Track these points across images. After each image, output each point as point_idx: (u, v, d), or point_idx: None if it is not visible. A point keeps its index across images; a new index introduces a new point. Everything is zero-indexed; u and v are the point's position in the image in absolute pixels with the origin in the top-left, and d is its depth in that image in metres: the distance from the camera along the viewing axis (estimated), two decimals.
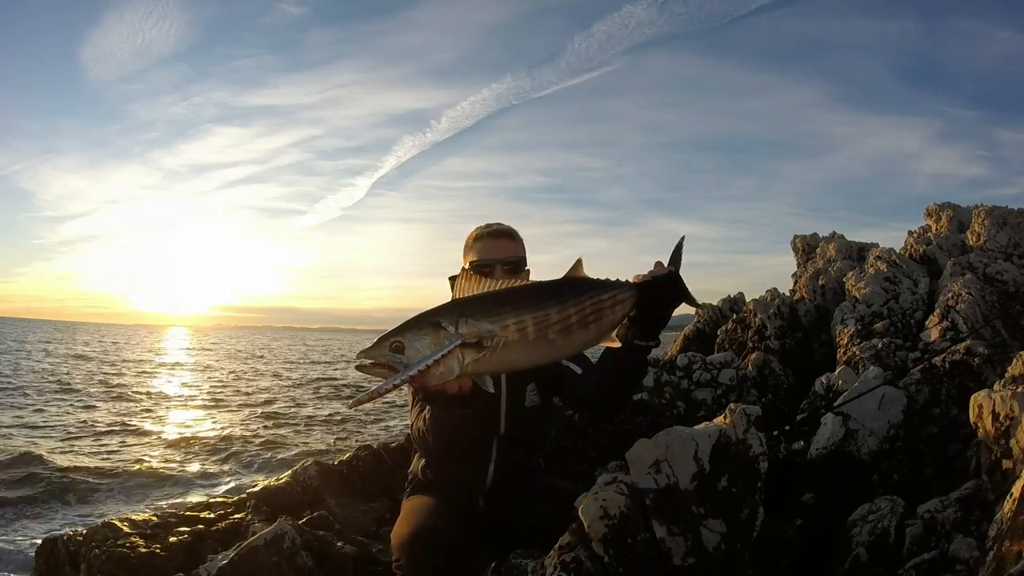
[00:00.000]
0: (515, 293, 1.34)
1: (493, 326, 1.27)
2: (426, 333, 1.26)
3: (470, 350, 1.26)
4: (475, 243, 1.87)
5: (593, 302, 1.37)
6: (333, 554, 2.42)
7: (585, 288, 1.39)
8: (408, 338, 1.26)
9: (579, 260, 1.43)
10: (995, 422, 1.95)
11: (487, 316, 1.28)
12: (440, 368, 1.24)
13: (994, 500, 1.84)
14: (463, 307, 1.31)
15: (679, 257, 1.52)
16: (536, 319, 1.30)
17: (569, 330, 1.33)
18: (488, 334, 1.27)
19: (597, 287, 1.41)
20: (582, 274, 1.43)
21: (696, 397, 4.10)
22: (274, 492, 3.21)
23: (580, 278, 1.42)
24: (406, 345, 1.25)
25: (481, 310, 1.29)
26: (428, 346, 1.25)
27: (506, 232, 1.88)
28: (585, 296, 1.37)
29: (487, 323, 1.28)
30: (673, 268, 1.49)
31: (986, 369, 3.30)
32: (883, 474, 2.67)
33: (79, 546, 2.58)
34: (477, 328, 1.27)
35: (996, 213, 6.06)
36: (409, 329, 1.27)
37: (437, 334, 1.26)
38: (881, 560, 2.02)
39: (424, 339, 1.25)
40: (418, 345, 1.25)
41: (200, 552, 2.58)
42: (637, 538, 1.55)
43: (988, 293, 4.86)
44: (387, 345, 1.25)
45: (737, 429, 1.73)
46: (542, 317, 1.30)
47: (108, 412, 12.30)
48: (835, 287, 6.08)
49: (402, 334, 1.26)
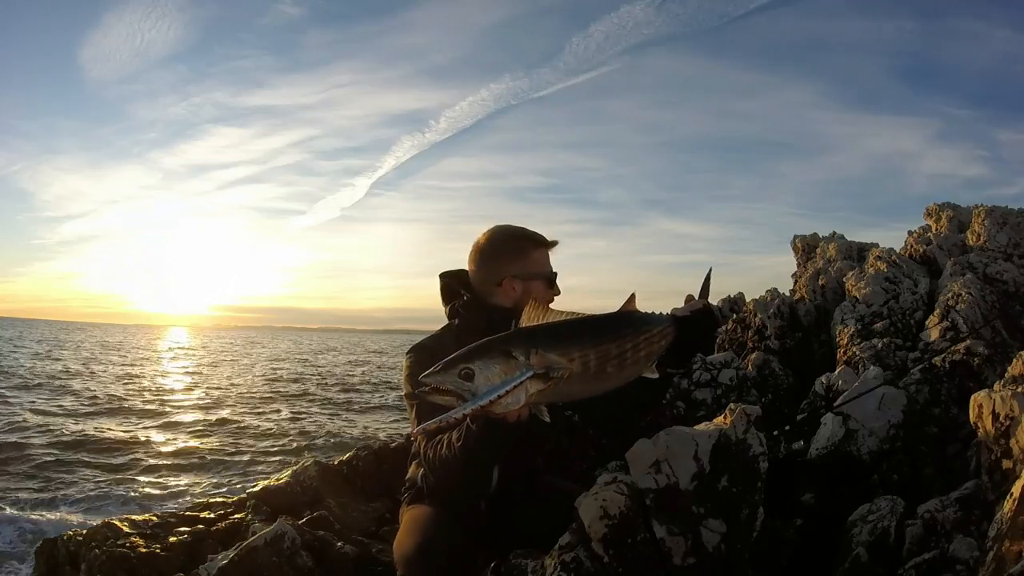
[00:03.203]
0: (580, 326, 1.36)
1: (561, 358, 1.27)
2: (497, 362, 1.24)
3: (536, 381, 1.24)
4: (534, 251, 1.79)
5: (645, 337, 1.41)
6: (333, 554, 2.42)
7: (639, 323, 1.43)
8: (479, 366, 1.23)
9: (632, 295, 1.47)
10: (995, 422, 1.95)
11: (555, 348, 1.27)
12: (508, 399, 1.22)
13: (994, 500, 1.84)
14: (533, 337, 1.29)
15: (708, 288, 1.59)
16: (598, 353, 1.32)
17: (623, 363, 1.36)
18: (556, 366, 1.26)
19: (648, 322, 1.46)
20: (634, 308, 1.47)
21: (696, 397, 4.10)
22: (274, 492, 3.20)
23: (632, 312, 1.46)
24: (476, 373, 1.23)
25: (550, 342, 1.28)
26: (498, 375, 1.23)
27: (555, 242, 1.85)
28: (641, 331, 1.41)
29: (555, 355, 1.27)
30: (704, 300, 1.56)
31: (986, 369, 3.30)
32: (883, 474, 2.67)
33: (79, 546, 2.58)
34: (546, 359, 1.26)
35: (996, 213, 6.06)
36: (480, 356, 1.25)
37: (508, 363, 1.24)
38: (881, 560, 2.02)
39: (495, 368, 1.23)
40: (488, 374, 1.23)
41: (200, 552, 2.58)
42: (637, 538, 1.55)
43: (988, 293, 4.85)
44: (456, 372, 1.23)
45: (737, 429, 1.73)
46: (604, 351, 1.33)
47: (108, 411, 12.30)
48: (835, 287, 6.08)
49: (472, 361, 1.24)
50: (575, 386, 1.30)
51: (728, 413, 1.79)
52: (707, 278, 1.58)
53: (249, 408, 13.77)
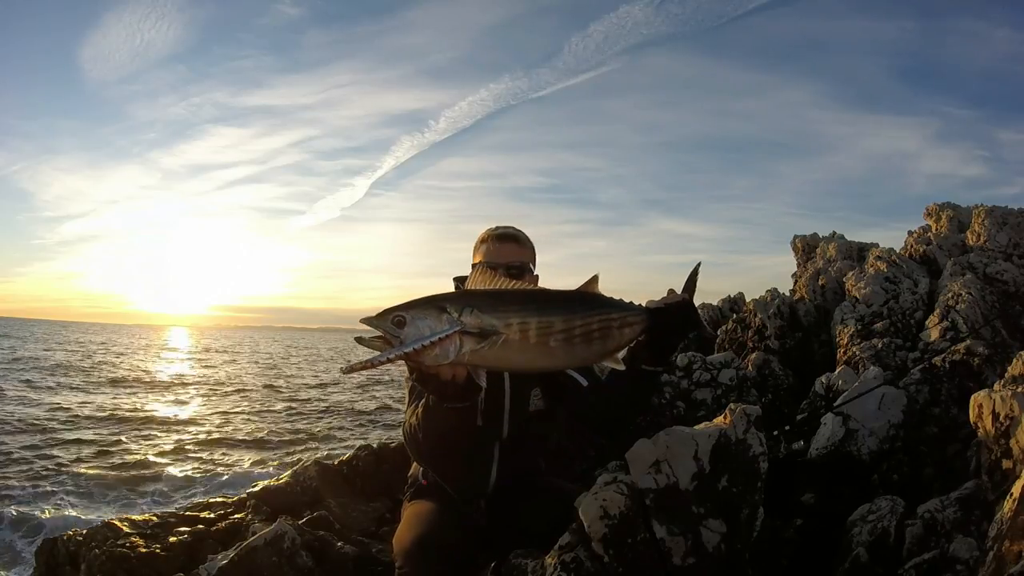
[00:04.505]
0: (525, 295, 1.36)
1: (496, 321, 1.28)
2: (429, 314, 1.27)
3: (469, 339, 1.26)
4: (482, 245, 1.87)
5: (601, 319, 1.37)
6: (333, 554, 2.42)
7: (596, 304, 1.39)
8: (411, 315, 1.26)
9: (595, 276, 1.44)
10: (995, 422, 1.95)
11: (493, 311, 1.29)
12: (435, 350, 1.24)
13: (994, 500, 1.84)
14: (471, 297, 1.32)
15: (694, 284, 1.52)
16: (540, 324, 1.30)
17: (571, 342, 1.34)
18: (490, 328, 1.27)
19: (608, 305, 1.41)
20: (596, 290, 1.43)
21: (696, 397, 4.10)
22: (274, 492, 3.20)
23: (593, 294, 1.43)
24: (407, 321, 1.26)
25: (488, 304, 1.30)
26: (429, 327, 1.26)
27: (512, 236, 1.87)
28: (595, 312, 1.37)
29: (491, 317, 1.28)
30: (687, 295, 1.49)
31: (986, 369, 3.30)
32: (883, 474, 2.67)
33: (79, 546, 2.58)
34: (480, 320, 1.27)
35: (996, 213, 6.06)
36: (414, 307, 1.28)
37: (440, 317, 1.26)
38: (881, 560, 2.02)
39: (426, 320, 1.26)
40: (420, 324, 1.26)
41: (200, 552, 2.57)
42: (637, 538, 1.55)
43: (988, 293, 4.85)
44: (390, 318, 1.26)
45: (737, 429, 1.73)
46: (546, 323, 1.31)
47: (108, 411, 12.29)
48: (835, 287, 6.08)
49: (407, 310, 1.27)
50: (515, 355, 1.30)
51: (728, 413, 1.79)
52: (693, 272, 1.52)
53: (249, 408, 13.77)
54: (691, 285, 1.51)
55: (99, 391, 15.84)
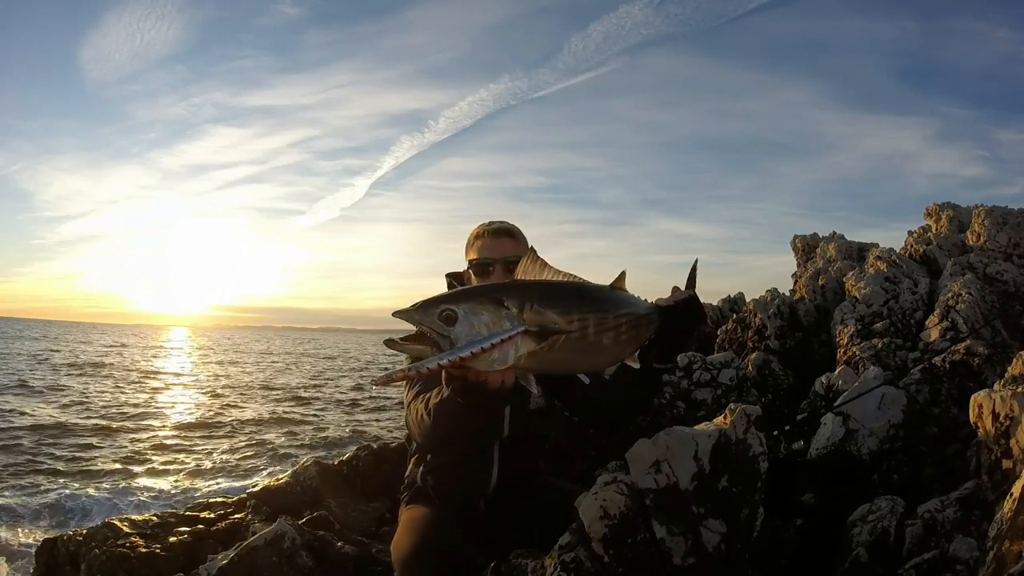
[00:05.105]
0: (576, 289, 1.23)
1: (558, 318, 1.11)
2: (486, 309, 1.07)
3: (528, 340, 1.07)
4: (476, 241, 1.82)
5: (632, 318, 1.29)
6: (333, 554, 2.42)
7: (630, 302, 1.33)
8: (464, 309, 1.05)
9: (623, 273, 1.37)
10: (995, 422, 1.95)
11: (554, 306, 1.12)
12: (494, 355, 1.04)
13: (994, 500, 1.84)
14: (527, 290, 1.13)
15: (694, 280, 1.51)
16: (597, 320, 1.18)
17: (618, 338, 1.24)
18: (553, 326, 1.10)
19: (636, 304, 1.34)
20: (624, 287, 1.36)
21: (696, 397, 4.10)
22: (274, 492, 3.20)
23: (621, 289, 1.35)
24: (460, 317, 1.05)
25: (547, 298, 1.13)
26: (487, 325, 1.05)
27: (508, 230, 1.83)
28: (631, 311, 1.30)
29: (553, 313, 1.11)
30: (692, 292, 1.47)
31: (986, 369, 3.30)
32: (883, 474, 2.67)
33: (79, 546, 2.58)
34: (542, 317, 1.09)
35: (996, 213, 6.06)
36: (466, 299, 1.08)
37: (498, 313, 1.07)
38: (881, 560, 2.02)
39: (482, 316, 1.06)
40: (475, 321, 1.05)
41: (200, 552, 2.57)
42: (637, 538, 1.55)
43: (988, 293, 4.85)
44: (437, 312, 1.05)
45: (737, 429, 1.73)
46: (601, 319, 1.19)
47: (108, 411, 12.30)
48: (835, 287, 6.08)
49: (457, 303, 1.06)
50: (567, 355, 1.15)
51: (728, 413, 1.79)
52: (693, 269, 1.50)
53: (249, 408, 13.77)
54: (692, 282, 1.50)
55: (99, 391, 15.84)
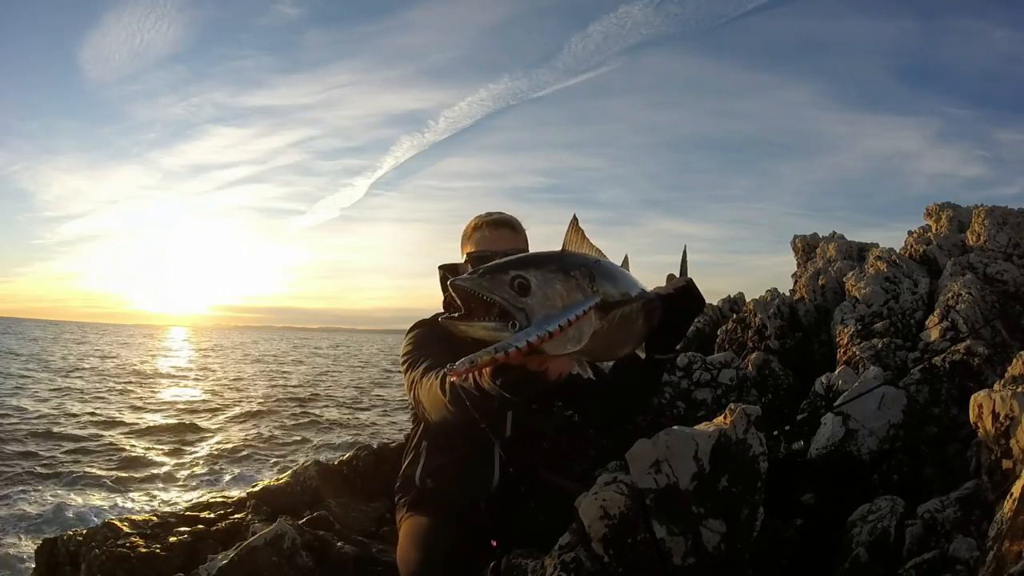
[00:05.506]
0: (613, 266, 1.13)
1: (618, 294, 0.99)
2: (557, 278, 0.90)
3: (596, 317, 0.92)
4: (474, 232, 1.75)
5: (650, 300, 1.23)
6: (333, 554, 2.42)
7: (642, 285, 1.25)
8: (537, 277, 0.88)
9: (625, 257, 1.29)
10: (995, 422, 1.95)
11: (611, 279, 1.01)
12: (570, 332, 0.86)
13: (994, 500, 1.84)
14: (596, 264, 1.00)
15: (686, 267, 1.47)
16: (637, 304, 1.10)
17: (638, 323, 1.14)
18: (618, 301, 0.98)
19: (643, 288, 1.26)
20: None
21: (696, 397, 4.10)
22: (274, 492, 3.20)
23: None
24: (534, 286, 0.87)
25: (605, 271, 1.02)
26: (560, 296, 0.88)
27: (507, 222, 1.77)
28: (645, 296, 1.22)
29: (612, 287, 0.99)
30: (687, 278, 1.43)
31: (986, 369, 3.30)
32: (883, 474, 2.67)
33: (79, 546, 2.58)
34: (609, 291, 0.97)
35: (996, 213, 6.06)
36: (535, 265, 0.90)
37: (569, 283, 0.91)
38: (881, 560, 2.02)
39: (556, 285, 0.89)
40: (549, 291, 0.88)
41: (200, 552, 2.57)
42: (637, 538, 1.55)
43: (988, 293, 4.85)
44: (508, 279, 0.87)
45: (737, 429, 1.73)
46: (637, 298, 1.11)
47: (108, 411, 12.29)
48: (835, 287, 6.08)
49: (528, 269, 0.89)
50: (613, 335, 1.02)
51: (728, 413, 1.79)
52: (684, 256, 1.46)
53: (250, 408, 13.76)
54: (685, 268, 1.46)
55: (99, 391, 15.83)
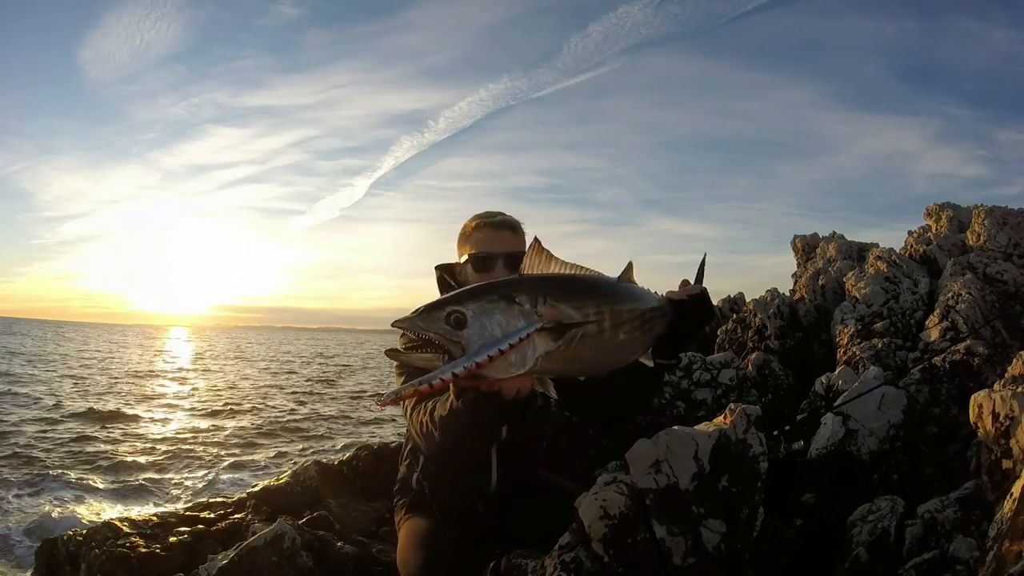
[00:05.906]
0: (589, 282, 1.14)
1: (575, 312, 1.02)
2: (497, 307, 0.97)
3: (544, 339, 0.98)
4: (474, 233, 1.71)
5: (649, 312, 1.21)
6: (333, 554, 2.42)
7: (644, 296, 1.24)
8: (473, 310, 0.95)
9: (630, 264, 1.28)
10: (995, 422, 1.95)
11: (568, 299, 1.03)
12: (511, 358, 0.94)
13: (994, 500, 1.84)
14: (543, 284, 1.04)
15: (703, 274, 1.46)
16: (614, 315, 1.10)
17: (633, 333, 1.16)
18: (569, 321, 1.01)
19: (648, 295, 1.27)
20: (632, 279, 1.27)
21: (696, 397, 4.10)
22: (274, 492, 3.20)
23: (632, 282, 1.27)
24: (470, 319, 0.95)
25: (561, 291, 1.04)
26: (500, 324, 0.95)
27: (509, 223, 1.73)
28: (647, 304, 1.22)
29: (568, 307, 1.02)
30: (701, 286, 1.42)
31: (986, 369, 3.30)
32: (883, 474, 2.67)
33: (79, 546, 2.58)
34: (559, 311, 1.00)
35: (996, 213, 6.06)
36: (474, 298, 0.98)
37: (511, 310, 0.97)
38: (881, 560, 2.02)
39: (494, 315, 0.96)
40: (487, 321, 0.95)
41: (200, 552, 2.57)
42: (637, 538, 1.55)
43: (988, 293, 4.85)
44: (443, 315, 0.95)
45: (737, 429, 1.73)
46: (617, 313, 1.11)
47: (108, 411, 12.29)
48: (835, 287, 6.08)
49: (464, 303, 0.96)
50: (584, 354, 1.06)
51: (728, 413, 1.79)
52: (702, 263, 1.45)
53: (250, 408, 13.77)
54: (701, 276, 1.45)
55: (99, 391, 15.83)
